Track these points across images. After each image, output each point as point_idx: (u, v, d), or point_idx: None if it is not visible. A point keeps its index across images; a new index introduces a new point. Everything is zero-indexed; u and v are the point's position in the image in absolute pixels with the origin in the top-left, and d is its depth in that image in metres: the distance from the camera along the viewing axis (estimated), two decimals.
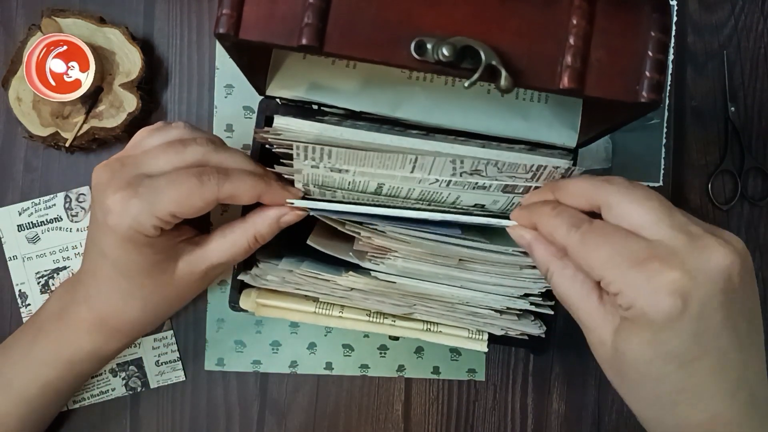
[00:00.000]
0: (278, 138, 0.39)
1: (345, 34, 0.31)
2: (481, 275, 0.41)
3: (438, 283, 0.41)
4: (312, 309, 0.42)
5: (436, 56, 0.31)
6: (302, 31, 0.31)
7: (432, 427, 0.56)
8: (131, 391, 0.54)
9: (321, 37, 0.31)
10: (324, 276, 0.41)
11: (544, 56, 0.32)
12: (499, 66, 0.31)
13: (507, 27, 0.32)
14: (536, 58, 0.32)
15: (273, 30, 0.31)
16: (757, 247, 0.57)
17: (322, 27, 0.31)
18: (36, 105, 0.52)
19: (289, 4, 0.31)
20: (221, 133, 0.55)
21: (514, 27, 0.32)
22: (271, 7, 0.31)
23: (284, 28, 0.31)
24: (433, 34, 0.31)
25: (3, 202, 0.54)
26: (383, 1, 0.31)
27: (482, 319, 0.42)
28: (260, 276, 0.43)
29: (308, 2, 0.31)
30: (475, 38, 0.31)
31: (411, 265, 0.40)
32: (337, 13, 0.31)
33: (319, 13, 0.31)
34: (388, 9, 0.31)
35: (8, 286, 0.54)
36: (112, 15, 0.54)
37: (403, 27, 0.31)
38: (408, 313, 0.42)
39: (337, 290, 0.42)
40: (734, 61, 0.57)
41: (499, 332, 0.42)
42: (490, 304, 0.42)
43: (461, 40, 0.31)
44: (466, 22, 0.32)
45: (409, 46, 0.31)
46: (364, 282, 0.41)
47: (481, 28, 0.32)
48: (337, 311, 0.43)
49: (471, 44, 0.31)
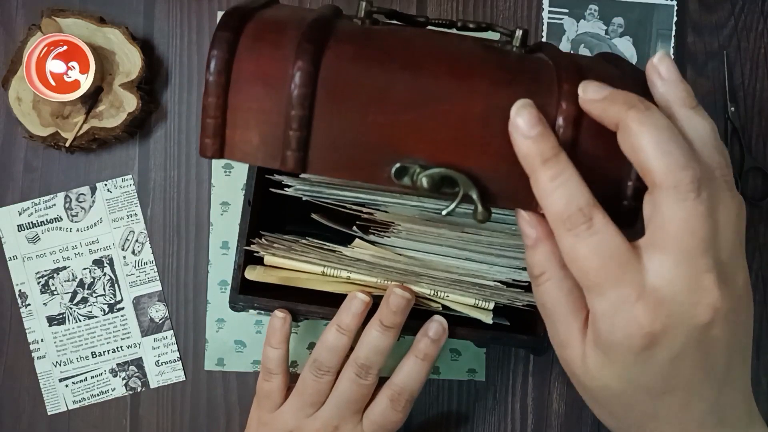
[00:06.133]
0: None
1: (326, 158, 0.31)
2: (485, 246, 0.41)
3: (443, 255, 0.42)
4: (320, 270, 0.43)
5: (415, 184, 0.31)
6: (285, 156, 0.31)
7: (432, 427, 0.56)
8: (131, 391, 0.54)
9: (303, 162, 0.31)
10: (330, 245, 0.42)
11: (524, 177, 0.31)
12: (477, 200, 0.31)
13: (488, 150, 0.32)
14: (515, 179, 0.31)
15: (255, 154, 0.31)
16: (757, 248, 0.57)
17: (304, 154, 0.31)
18: (36, 105, 0.52)
19: (270, 130, 0.31)
20: None
21: (495, 149, 0.31)
22: (253, 132, 0.31)
23: (266, 152, 0.31)
24: (414, 156, 0.31)
25: (3, 202, 0.54)
26: (364, 125, 0.31)
27: (489, 290, 0.43)
28: (267, 246, 0.43)
29: (290, 130, 0.30)
30: (455, 164, 0.31)
31: (415, 237, 0.41)
32: (318, 138, 0.31)
33: (300, 140, 0.31)
34: (369, 133, 0.31)
35: (8, 286, 0.54)
36: (112, 15, 0.54)
37: (384, 150, 0.31)
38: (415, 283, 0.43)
39: (344, 260, 0.43)
40: (734, 61, 0.57)
41: (506, 302, 0.43)
42: (496, 276, 0.42)
43: (440, 172, 0.31)
44: (447, 147, 0.31)
45: (389, 169, 0.31)
46: (371, 252, 0.42)
47: (462, 153, 0.31)
48: (345, 274, 0.43)
49: (450, 175, 0.31)
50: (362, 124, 0.31)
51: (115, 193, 0.55)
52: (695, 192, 0.28)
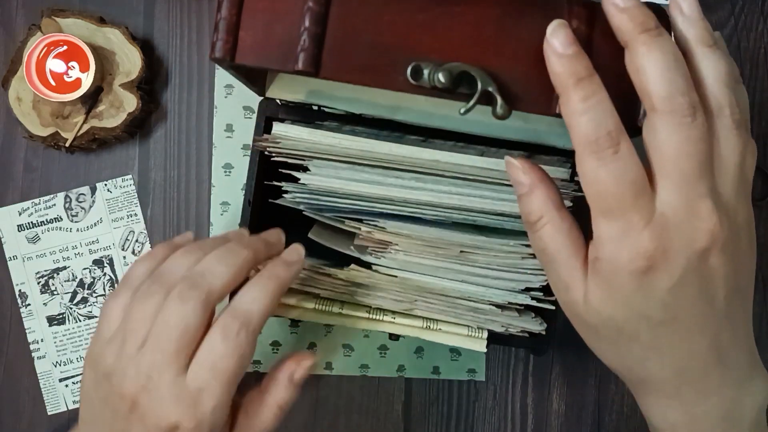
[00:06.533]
0: (277, 146, 0.39)
1: (340, 59, 0.31)
2: (482, 269, 0.41)
3: (439, 277, 0.41)
4: (312, 305, 0.42)
5: (432, 82, 0.31)
6: (298, 56, 0.31)
7: (432, 427, 0.56)
8: None
9: (317, 62, 0.31)
10: (325, 270, 0.42)
11: (540, 80, 0.31)
12: (495, 93, 0.31)
13: (504, 51, 0.32)
14: (533, 83, 0.32)
15: (269, 55, 0.31)
16: (757, 247, 0.57)
17: (317, 53, 0.31)
18: (36, 105, 0.52)
19: (285, 29, 0.31)
20: (221, 133, 0.55)
21: (511, 51, 0.32)
22: (266, 32, 0.31)
23: (280, 53, 0.31)
24: (430, 59, 0.31)
25: (3, 202, 0.54)
26: (379, 25, 0.31)
27: (483, 315, 0.42)
28: None
29: (304, 27, 0.31)
30: (471, 63, 0.31)
31: (412, 259, 0.41)
32: (333, 37, 0.31)
33: (314, 38, 0.31)
34: (384, 33, 0.31)
35: (8, 286, 0.54)
36: (112, 15, 0.54)
37: (399, 52, 0.31)
38: (408, 309, 0.43)
39: (338, 285, 0.42)
40: (734, 61, 0.57)
41: (500, 329, 0.43)
42: (492, 299, 0.42)
43: (457, 66, 0.31)
44: (462, 47, 0.31)
45: (405, 71, 0.31)
46: (366, 275, 0.41)
47: (477, 53, 0.31)
48: (336, 308, 0.43)
49: (467, 70, 0.31)
50: (378, 24, 0.31)
51: (115, 193, 0.55)
52: (691, 117, 0.29)
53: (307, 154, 0.39)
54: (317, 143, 0.39)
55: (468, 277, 0.41)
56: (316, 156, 0.39)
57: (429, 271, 0.41)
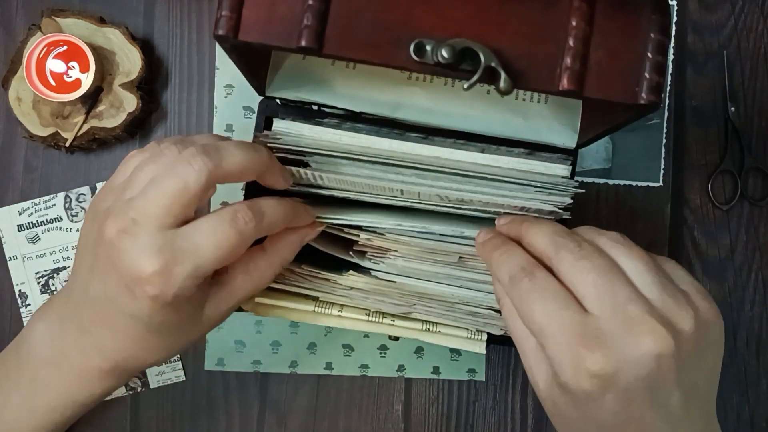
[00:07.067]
0: (277, 143, 0.39)
1: (344, 35, 0.31)
2: (481, 274, 0.41)
3: (438, 282, 0.41)
4: (311, 308, 0.42)
5: (435, 58, 0.31)
6: (301, 32, 0.31)
7: (432, 427, 0.56)
8: (131, 391, 0.54)
9: (320, 38, 0.31)
10: (324, 275, 0.42)
11: (543, 58, 0.32)
12: (498, 68, 0.31)
13: (506, 28, 0.32)
14: (535, 60, 0.32)
15: (272, 32, 0.31)
16: (758, 247, 0.57)
17: (321, 29, 0.31)
18: (36, 105, 0.52)
19: (288, 5, 0.31)
20: (221, 133, 0.55)
21: (514, 28, 0.32)
22: (270, 8, 0.31)
23: (283, 29, 0.31)
24: (432, 36, 0.31)
25: (3, 202, 0.54)
26: (382, 2, 0.31)
27: (482, 319, 0.42)
28: None
29: (307, 4, 0.31)
30: (474, 40, 0.31)
31: (411, 265, 0.41)
32: (337, 14, 0.31)
33: (318, 14, 0.31)
34: (387, 10, 0.31)
35: (8, 286, 0.54)
36: (112, 15, 0.54)
37: (402, 28, 0.31)
38: (407, 312, 0.42)
39: (338, 289, 0.42)
40: (734, 61, 0.57)
41: (499, 332, 0.42)
42: (491, 304, 0.42)
43: (460, 42, 0.31)
44: (465, 24, 0.32)
45: (408, 47, 0.31)
46: (365, 281, 0.41)
47: (480, 30, 0.32)
48: (336, 310, 0.43)
49: (470, 46, 0.31)
50: (381, 1, 0.31)
51: None
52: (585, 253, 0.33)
53: (308, 150, 0.39)
54: (318, 140, 0.39)
55: (467, 283, 0.41)
56: (316, 152, 0.39)
57: (428, 276, 0.41)
